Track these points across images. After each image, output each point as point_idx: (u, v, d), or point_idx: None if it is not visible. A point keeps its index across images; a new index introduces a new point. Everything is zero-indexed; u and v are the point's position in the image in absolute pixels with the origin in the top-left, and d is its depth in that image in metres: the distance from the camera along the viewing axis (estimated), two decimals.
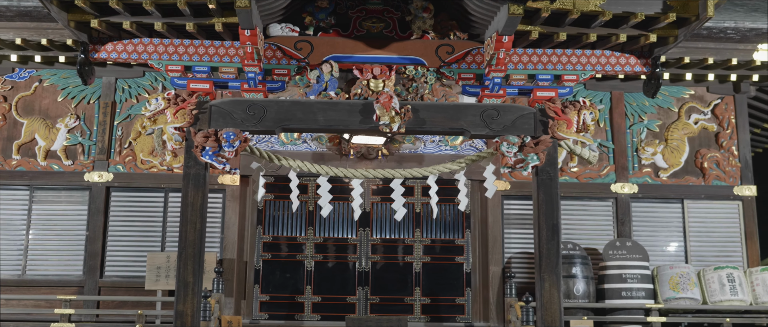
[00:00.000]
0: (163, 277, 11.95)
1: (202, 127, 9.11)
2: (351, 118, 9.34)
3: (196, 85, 9.36)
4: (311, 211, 12.94)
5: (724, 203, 13.31)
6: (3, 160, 12.63)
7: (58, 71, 12.82)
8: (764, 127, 15.38)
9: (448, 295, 12.95)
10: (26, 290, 12.15)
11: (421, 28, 9.59)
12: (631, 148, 13.29)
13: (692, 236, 13.18)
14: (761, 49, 11.79)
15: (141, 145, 12.75)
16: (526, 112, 9.35)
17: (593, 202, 13.21)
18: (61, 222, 12.69)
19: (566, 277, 11.85)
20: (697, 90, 13.45)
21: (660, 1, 8.41)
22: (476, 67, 9.59)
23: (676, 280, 11.83)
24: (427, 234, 13.13)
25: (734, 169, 13.31)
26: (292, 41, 9.43)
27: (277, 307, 12.79)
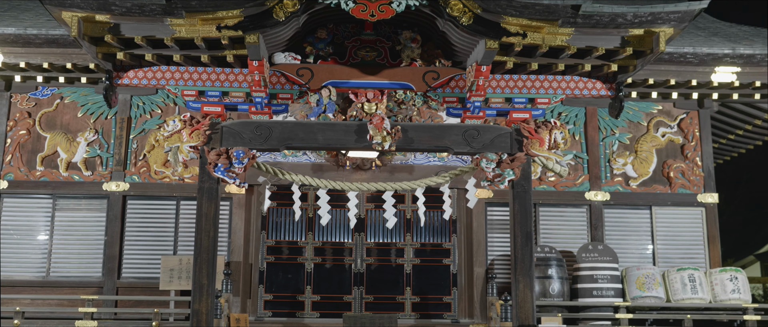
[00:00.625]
0: (176, 279, 12.89)
1: (214, 146, 10.10)
2: (347, 138, 10.33)
3: (209, 108, 10.39)
4: (311, 217, 13.90)
5: (689, 210, 14.23)
6: (28, 171, 13.59)
7: (78, 89, 13.70)
8: (729, 138, 16.36)
9: (436, 294, 13.88)
10: (50, 290, 13.06)
11: (409, 57, 10.61)
12: (603, 159, 14.25)
13: (659, 240, 14.14)
14: (718, 72, 12.79)
15: (154, 157, 13.70)
16: (504, 132, 10.35)
17: (569, 209, 14.16)
18: (82, 228, 13.59)
19: (543, 277, 12.84)
20: (665, 105, 14.39)
21: (619, 37, 9.41)
22: (459, 91, 10.62)
23: (642, 280, 12.82)
24: (417, 238, 14.08)
25: (698, 178, 14.29)
26: (294, 68, 10.44)
27: (280, 306, 13.72)
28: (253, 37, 9.18)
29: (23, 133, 13.64)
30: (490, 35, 9.34)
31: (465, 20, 9.30)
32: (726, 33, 13.99)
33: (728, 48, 12.51)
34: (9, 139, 13.63)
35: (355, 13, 9.28)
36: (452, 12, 9.27)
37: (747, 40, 13.33)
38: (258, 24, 9.19)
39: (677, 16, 9.26)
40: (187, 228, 13.57)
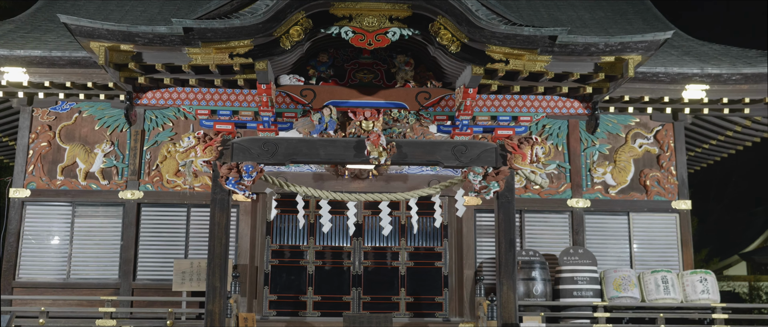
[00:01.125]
0: (188, 280, 13.76)
1: (226, 161, 10.99)
2: (346, 153, 11.22)
3: (220, 125, 11.23)
4: (312, 223, 14.78)
5: (664, 216, 15.13)
6: (49, 180, 14.45)
7: (96, 104, 14.58)
8: (704, 147, 17.25)
9: (428, 294, 14.76)
10: (71, 291, 13.92)
11: (403, 78, 11.45)
12: (585, 169, 15.14)
13: (636, 244, 15.03)
14: (688, 89, 13.68)
15: (167, 167, 14.57)
16: (489, 148, 11.25)
17: (552, 215, 15.06)
18: (99, 233, 14.47)
19: (527, 279, 13.73)
20: (642, 118, 15.27)
21: (592, 63, 10.27)
22: (449, 110, 11.47)
23: (619, 281, 13.73)
24: (411, 242, 14.96)
25: (673, 186, 15.19)
26: (298, 89, 11.29)
27: (284, 305, 14.58)
28: (261, 64, 10.04)
29: (44, 144, 14.51)
30: (476, 62, 10.19)
31: (453, 48, 10.15)
32: (697, 52, 14.89)
33: (697, 68, 13.41)
34: (31, 150, 14.50)
35: (354, 42, 10.12)
36: (442, 41, 10.11)
37: (715, 60, 14.23)
38: (266, 52, 10.04)
39: (644, 45, 10.11)
40: (197, 233, 14.45)
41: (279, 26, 9.83)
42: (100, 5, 16.81)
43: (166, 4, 17.07)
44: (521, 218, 14.89)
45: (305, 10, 9.86)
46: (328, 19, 10.07)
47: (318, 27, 10.09)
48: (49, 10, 16.24)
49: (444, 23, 10.01)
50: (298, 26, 9.97)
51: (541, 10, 17.99)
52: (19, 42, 13.52)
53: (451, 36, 10.07)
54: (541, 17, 17.48)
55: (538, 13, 17.72)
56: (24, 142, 14.47)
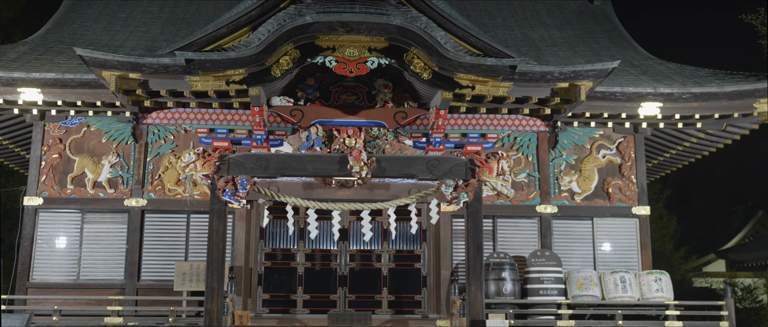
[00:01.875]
0: (188, 281, 14.80)
1: (223, 175, 12.10)
2: (331, 167, 12.34)
3: (218, 142, 12.34)
4: (302, 228, 15.82)
5: (625, 220, 16.20)
6: (60, 189, 15.49)
7: (103, 118, 15.53)
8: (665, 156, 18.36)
9: (408, 293, 15.79)
10: (80, 291, 14.94)
11: (382, 100, 12.56)
12: (552, 177, 16.21)
13: (599, 247, 16.07)
14: (643, 106, 14.80)
15: (168, 177, 15.62)
16: (460, 162, 12.39)
17: (522, 220, 16.09)
18: (106, 238, 15.46)
19: (498, 279, 14.78)
20: (605, 131, 16.29)
21: (549, 88, 11.40)
22: (423, 128, 12.59)
23: (581, 281, 14.83)
24: (393, 246, 16.02)
25: (633, 193, 16.28)
26: (288, 110, 12.39)
27: (276, 304, 15.62)
28: (255, 90, 11.14)
29: (55, 156, 15.54)
30: (446, 88, 11.30)
31: (425, 75, 11.27)
32: (654, 71, 16.00)
33: (651, 87, 14.54)
34: (43, 161, 15.53)
35: (337, 70, 11.22)
36: (415, 69, 11.23)
37: (669, 79, 15.35)
38: (259, 79, 11.13)
39: (594, 73, 11.23)
40: (196, 238, 15.49)
41: (270, 57, 10.95)
42: (106, 26, 17.87)
43: (167, 26, 18.13)
44: (494, 223, 15.99)
45: (293, 42, 10.98)
46: (314, 50, 11.19)
47: (305, 56, 11.21)
48: (59, 32, 17.29)
49: (417, 53, 11.15)
50: (287, 56, 11.09)
51: (515, 29, 19.10)
52: (34, 64, 14.56)
53: (424, 65, 11.21)
54: (515, 37, 18.58)
55: (512, 33, 18.82)
56: (37, 154, 15.50)
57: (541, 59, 16.86)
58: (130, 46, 16.45)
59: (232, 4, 18.65)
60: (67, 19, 18.13)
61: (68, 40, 16.69)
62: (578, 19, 19.92)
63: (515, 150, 16.09)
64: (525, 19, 19.76)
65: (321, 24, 10.80)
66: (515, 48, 17.48)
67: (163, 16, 18.61)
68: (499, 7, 20.33)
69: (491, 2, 20.55)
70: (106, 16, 18.39)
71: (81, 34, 17.21)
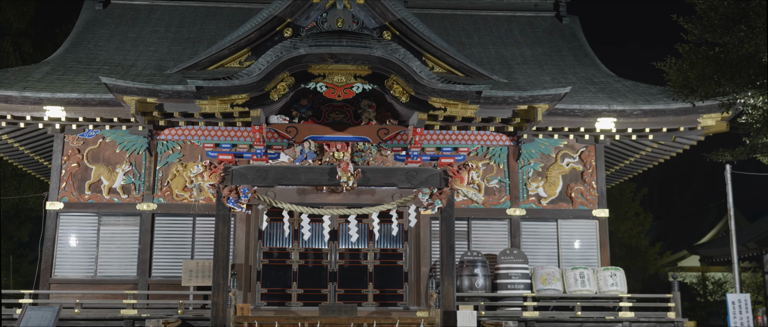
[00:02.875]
0: (194, 277, 16.18)
1: (227, 184, 13.61)
2: (322, 177, 13.86)
3: (222, 156, 13.84)
4: (296, 229, 17.17)
5: (586, 222, 17.61)
6: (78, 195, 16.93)
7: (117, 131, 16.96)
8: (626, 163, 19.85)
9: (392, 287, 17.21)
10: (97, 287, 16.34)
11: (367, 118, 14.07)
12: (521, 183, 17.66)
13: (563, 246, 17.47)
14: (600, 121, 16.34)
15: (176, 184, 17.04)
16: (435, 173, 13.92)
17: (494, 222, 17.48)
18: (121, 238, 16.84)
19: (471, 275, 16.24)
20: (569, 141, 17.68)
21: (510, 110, 12.95)
22: (403, 143, 14.10)
23: (545, 276, 16.34)
24: (378, 245, 17.39)
25: (593, 197, 17.78)
26: (284, 127, 13.89)
27: (273, 297, 17.03)
28: (256, 112, 12.67)
29: (74, 165, 16.96)
30: (421, 109, 12.84)
31: (404, 99, 12.80)
32: (611, 88, 17.53)
33: (605, 104, 16.09)
34: (63, 170, 16.95)
35: (327, 94, 12.73)
36: (394, 93, 12.75)
37: (623, 97, 16.88)
38: (259, 103, 12.65)
39: (548, 97, 12.78)
40: (201, 238, 16.89)
41: (269, 84, 12.49)
42: (118, 46, 19.30)
43: (174, 45, 19.57)
44: (468, 225, 17.47)
45: (289, 71, 12.52)
46: (307, 77, 12.70)
47: (299, 82, 12.74)
48: (76, 51, 18.71)
49: (396, 80, 12.69)
50: (284, 83, 12.63)
51: (489, 47, 20.59)
52: (57, 84, 16.00)
53: (402, 89, 12.75)
54: (489, 55, 20.07)
55: (487, 51, 20.31)
56: (57, 163, 16.93)
57: (512, 77, 18.36)
58: (142, 66, 17.90)
59: (233, 24, 20.21)
60: (82, 40, 19.54)
61: (85, 59, 18.14)
62: (548, 37, 21.43)
63: (488, 159, 17.57)
64: (499, 38, 21.24)
65: (313, 55, 12.32)
66: (489, 66, 18.96)
67: (169, 36, 20.06)
68: (476, 26, 21.82)
69: (469, 21, 22.03)
70: (117, 36, 19.82)
71: (96, 53, 18.65)
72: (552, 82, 18.03)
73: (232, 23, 20.68)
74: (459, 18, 22.20)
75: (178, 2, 21.67)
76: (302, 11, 17.45)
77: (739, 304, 15.79)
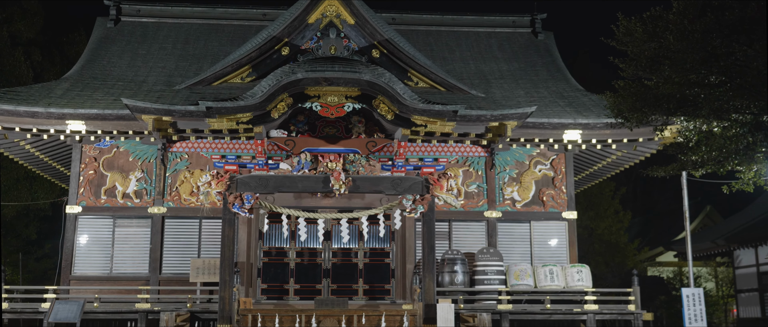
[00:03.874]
0: (201, 274, 17.56)
1: (232, 192, 15.07)
2: (317, 185, 15.33)
3: (228, 166, 15.32)
4: (293, 231, 18.52)
5: (557, 223, 18.97)
6: (95, 199, 18.30)
7: (130, 141, 18.25)
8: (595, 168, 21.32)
9: (380, 283, 18.47)
10: (113, 283, 17.60)
11: (357, 132, 15.57)
12: (498, 188, 19.04)
13: (535, 245, 18.84)
14: (567, 133, 17.82)
15: (183, 189, 18.38)
16: (417, 181, 15.41)
17: (473, 223, 18.80)
18: (134, 239, 18.12)
19: (451, 272, 17.64)
20: (541, 149, 19.08)
21: (483, 126, 14.46)
22: (389, 154, 15.60)
23: (518, 273, 17.77)
24: (367, 244, 18.66)
25: (563, 201, 19.22)
26: (283, 140, 15.38)
27: (272, 292, 18.31)
28: (258, 128, 14.16)
29: (91, 172, 18.32)
30: (404, 126, 14.35)
31: (389, 116, 14.31)
32: (578, 103, 19.01)
33: (572, 118, 17.56)
34: (81, 176, 18.31)
35: (321, 113, 14.22)
36: (381, 111, 14.27)
37: (588, 110, 18.34)
38: (261, 120, 14.15)
39: (517, 116, 14.30)
40: (207, 239, 18.17)
41: (270, 104, 13.97)
42: (129, 62, 20.68)
43: (180, 62, 20.93)
44: (449, 226, 18.88)
45: (288, 93, 14.00)
46: (304, 97, 14.18)
47: (297, 102, 14.22)
48: (92, 68, 20.06)
49: (382, 100, 14.18)
50: (283, 103, 14.11)
51: (470, 62, 22.04)
52: (77, 100, 17.38)
53: (387, 108, 14.25)
54: (470, 69, 21.51)
55: (467, 66, 21.75)
56: (76, 170, 18.29)
57: (489, 91, 19.82)
58: (152, 81, 19.30)
59: (234, 40, 21.66)
60: (96, 56, 20.90)
61: (100, 75, 19.53)
62: (524, 52, 22.89)
63: (467, 166, 18.97)
64: (479, 53, 22.67)
65: (309, 79, 13.81)
66: (469, 81, 20.42)
67: (176, 52, 21.45)
68: (458, 41, 23.26)
69: (452, 37, 23.46)
70: (128, 53, 21.20)
71: (110, 70, 20.04)
72: (525, 96, 19.48)
73: (234, 39, 22.11)
74: (443, 34, 23.63)
75: (183, 19, 23.07)
76: (298, 31, 18.85)
77: (693, 297, 17.37)
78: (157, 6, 23.22)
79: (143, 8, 23.12)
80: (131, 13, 22.93)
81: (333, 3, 18.97)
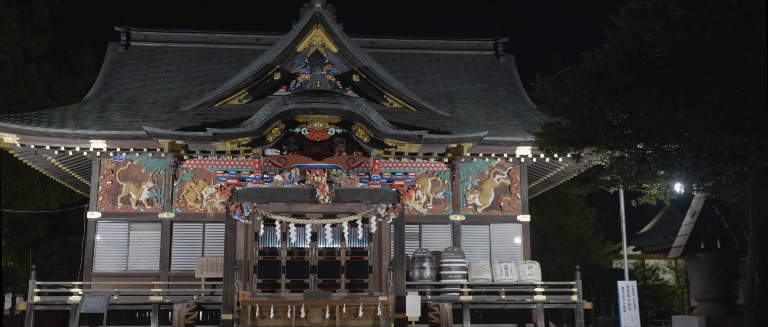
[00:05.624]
0: (205, 271, 19.66)
1: (233, 202, 17.38)
2: (305, 196, 17.63)
3: (230, 180, 17.58)
4: (284, 233, 20.76)
5: (512, 225, 21.21)
6: (112, 206, 20.49)
7: (142, 156, 20.47)
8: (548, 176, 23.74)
9: (359, 278, 20.57)
10: (128, 279, 19.81)
11: (339, 151, 17.91)
12: (462, 195, 21.33)
13: (494, 244, 21.10)
14: (519, 149, 20.21)
15: (189, 197, 20.59)
16: (390, 192, 17.77)
17: (440, 226, 21.10)
18: (146, 240, 20.22)
19: (421, 268, 19.88)
20: (500, 161, 21.42)
21: (444, 147, 16.85)
22: (366, 169, 17.92)
23: (478, 269, 20.13)
24: (349, 244, 20.81)
25: (518, 206, 21.58)
26: (276, 158, 17.70)
27: (266, 286, 20.45)
28: (256, 150, 16.48)
29: (108, 183, 20.54)
30: (378, 147, 16.71)
31: (365, 139, 16.68)
32: (531, 121, 21.35)
33: (522, 136, 19.90)
34: (100, 186, 20.51)
35: (309, 136, 16.50)
36: (358, 135, 16.63)
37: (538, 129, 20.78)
38: (259, 143, 16.47)
39: (471, 139, 16.70)
40: (211, 240, 20.28)
41: (266, 130, 16.27)
42: (140, 85, 22.85)
43: (185, 84, 23.13)
44: (420, 228, 21.16)
45: (280, 120, 16.32)
46: (294, 124, 16.46)
47: (288, 128, 16.51)
48: (108, 90, 22.20)
49: (360, 126, 16.52)
50: (277, 128, 16.42)
51: (439, 84, 24.32)
52: (98, 122, 19.55)
53: (364, 132, 16.61)
54: (439, 91, 23.80)
55: (436, 87, 24.03)
56: (95, 181, 20.50)
57: (454, 111, 22.17)
58: (161, 103, 21.52)
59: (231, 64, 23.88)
60: (111, 79, 23.03)
61: (116, 98, 21.73)
62: (487, 73, 25.21)
63: (436, 176, 21.26)
64: (447, 75, 24.97)
65: (298, 109, 16.12)
66: (437, 101, 22.75)
67: (180, 75, 23.66)
68: (429, 64, 25.52)
69: (424, 59, 25.68)
70: (139, 76, 23.39)
71: (124, 93, 22.24)
72: (485, 116, 21.85)
73: (231, 62, 24.33)
74: (416, 57, 25.90)
75: (185, 44, 25.24)
76: (288, 59, 21.15)
77: (627, 289, 19.82)
78: (162, 32, 25.40)
79: (150, 34, 25.30)
80: (139, 38, 25.11)
81: (319, 34, 21.30)
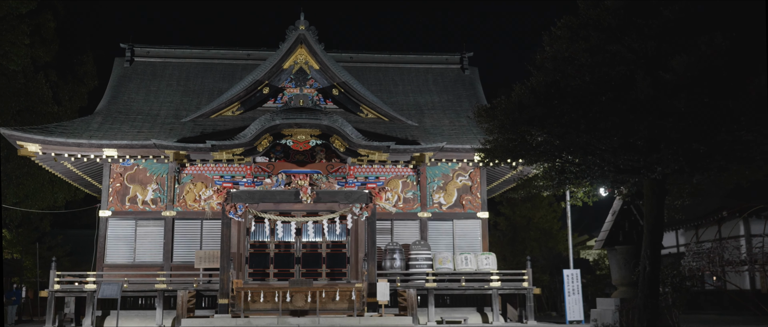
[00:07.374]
0: (203, 262, 21.80)
1: (228, 203, 19.70)
2: (290, 197, 19.94)
3: (226, 184, 19.90)
4: (272, 229, 23.05)
5: (473, 221, 23.36)
6: (121, 206, 22.61)
7: (148, 161, 22.77)
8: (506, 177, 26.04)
9: (338, 267, 22.65)
10: (136, 269, 21.95)
11: (320, 158, 20.22)
12: (428, 194, 23.59)
13: (457, 238, 23.26)
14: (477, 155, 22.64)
15: (189, 197, 22.72)
16: (363, 194, 20.12)
17: (409, 222, 23.20)
18: (151, 235, 22.24)
19: (392, 259, 22.13)
20: (462, 164, 23.63)
21: (409, 155, 19.19)
22: (343, 174, 20.27)
23: (442, 259, 22.41)
24: (329, 238, 22.99)
25: (478, 204, 23.83)
26: (265, 164, 20.01)
27: (257, 275, 22.61)
28: (248, 158, 18.79)
29: (117, 185, 22.69)
30: (353, 156, 19.03)
31: (342, 149, 18.99)
32: None
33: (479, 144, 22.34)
34: (110, 188, 22.66)
35: (293, 147, 18.80)
36: (335, 145, 18.95)
37: None
38: (250, 153, 18.73)
39: (433, 149, 19.03)
40: (208, 235, 22.27)
41: (256, 141, 18.54)
42: (144, 97, 25.00)
43: (184, 97, 25.25)
44: (392, 224, 23.35)
45: (269, 133, 18.62)
46: (280, 136, 18.73)
47: (275, 139, 18.77)
48: (116, 103, 24.30)
49: (337, 138, 18.83)
50: (266, 140, 18.72)
51: (410, 95, 26.56)
52: (109, 133, 21.71)
53: (341, 143, 18.93)
54: (409, 102, 26.07)
55: (407, 98, 26.27)
56: (106, 183, 22.66)
57: (422, 121, 24.44)
58: (164, 115, 23.69)
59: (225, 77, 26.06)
60: (118, 92, 25.13)
61: (124, 110, 23.87)
62: (453, 85, 27.46)
63: (405, 178, 23.63)
64: (417, 87, 27.19)
65: (284, 124, 18.39)
66: (407, 112, 25.02)
67: (180, 88, 25.79)
68: (401, 76, 27.74)
69: (396, 72, 27.83)
70: (143, 89, 25.51)
71: (130, 105, 24.40)
72: (449, 125, 24.16)
73: (225, 76, 26.48)
74: (390, 70, 28.11)
75: (184, 59, 27.35)
76: (276, 75, 23.37)
77: (572, 276, 22.29)
78: (162, 48, 27.53)
79: (152, 50, 27.43)
80: (142, 54, 27.24)
81: (303, 53, 23.54)
